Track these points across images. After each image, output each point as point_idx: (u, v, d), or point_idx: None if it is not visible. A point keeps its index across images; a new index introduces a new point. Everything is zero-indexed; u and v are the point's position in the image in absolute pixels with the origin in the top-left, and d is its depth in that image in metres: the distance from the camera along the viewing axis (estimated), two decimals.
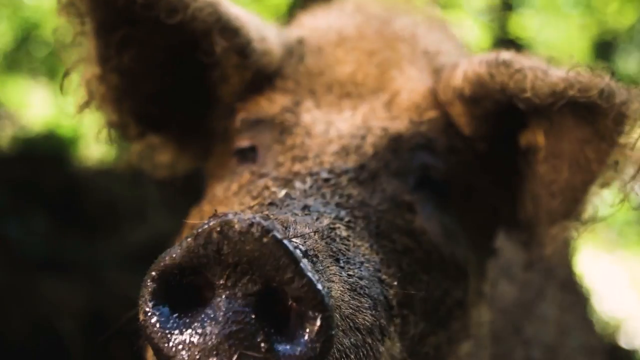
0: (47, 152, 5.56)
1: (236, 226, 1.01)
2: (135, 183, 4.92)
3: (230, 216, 1.02)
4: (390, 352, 1.26)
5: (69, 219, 4.90)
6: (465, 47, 1.98)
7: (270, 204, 1.32)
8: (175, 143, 1.90)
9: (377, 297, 1.24)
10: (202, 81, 1.78)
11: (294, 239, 1.11)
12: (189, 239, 1.03)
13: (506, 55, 1.55)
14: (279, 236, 1.01)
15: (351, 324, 1.14)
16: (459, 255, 1.59)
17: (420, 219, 1.52)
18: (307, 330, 1.01)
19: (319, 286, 1.02)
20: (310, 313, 1.01)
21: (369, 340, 1.17)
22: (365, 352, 1.15)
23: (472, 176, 1.68)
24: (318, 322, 1.01)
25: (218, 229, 1.01)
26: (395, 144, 1.58)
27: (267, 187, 1.43)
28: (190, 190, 1.97)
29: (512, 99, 1.52)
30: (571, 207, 1.61)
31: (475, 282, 1.66)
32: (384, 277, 1.30)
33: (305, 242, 1.14)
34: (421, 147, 1.61)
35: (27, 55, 7.64)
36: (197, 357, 1.00)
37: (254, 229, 1.01)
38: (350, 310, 1.15)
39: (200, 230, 1.02)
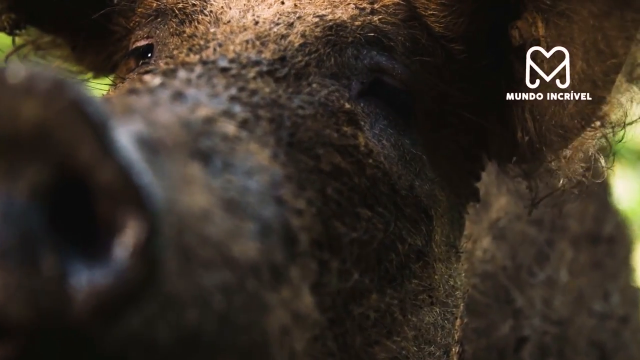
0: None
1: (10, 80, 0.63)
2: None
3: (4, 69, 0.64)
4: (290, 307, 0.83)
5: None
6: None
7: (131, 91, 0.90)
8: (67, 45, 1.51)
9: (269, 223, 0.81)
10: None
11: (130, 126, 0.71)
12: None
13: None
14: (75, 92, 0.62)
15: (220, 255, 0.72)
16: (422, 190, 1.17)
17: (365, 137, 1.10)
18: (118, 244, 0.61)
19: (136, 170, 0.62)
20: (122, 216, 0.61)
21: (251, 284, 0.75)
22: (242, 301, 0.73)
23: (445, 87, 1.27)
24: (132, 231, 0.61)
25: None
26: (334, 36, 1.17)
27: (140, 80, 1.01)
28: None
29: None
30: (590, 112, 1.20)
31: (445, 229, 1.23)
32: (285, 197, 0.87)
33: (150, 129, 0.73)
34: (371, 42, 1.20)
35: None
36: None
37: (38, 84, 0.63)
38: (220, 236, 0.73)
39: None
